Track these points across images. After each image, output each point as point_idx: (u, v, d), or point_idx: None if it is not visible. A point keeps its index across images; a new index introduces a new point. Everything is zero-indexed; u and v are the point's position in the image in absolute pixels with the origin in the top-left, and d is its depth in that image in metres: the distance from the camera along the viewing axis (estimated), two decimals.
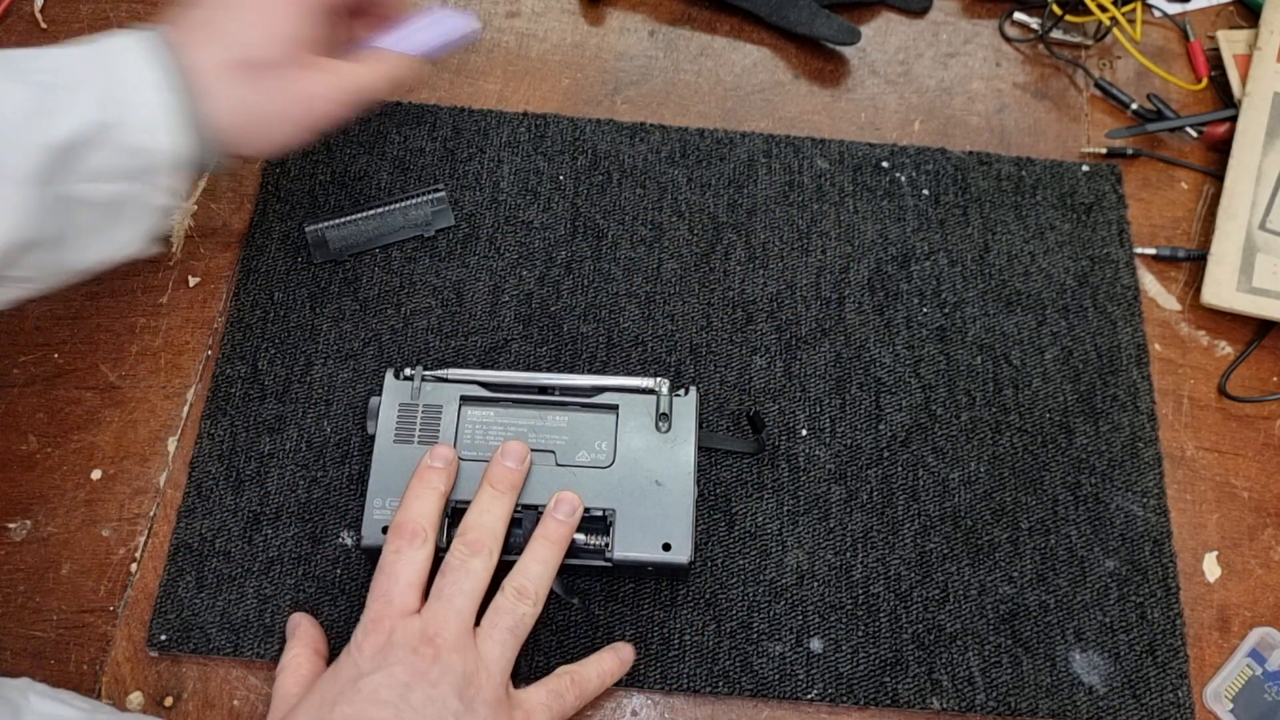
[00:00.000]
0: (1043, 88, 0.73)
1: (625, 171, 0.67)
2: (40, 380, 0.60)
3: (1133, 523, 0.58)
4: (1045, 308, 0.64)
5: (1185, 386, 0.63)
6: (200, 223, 0.65)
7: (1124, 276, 0.65)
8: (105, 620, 0.54)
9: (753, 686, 0.54)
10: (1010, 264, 0.65)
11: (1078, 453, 0.60)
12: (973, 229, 0.66)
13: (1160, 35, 0.75)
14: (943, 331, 0.63)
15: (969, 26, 0.75)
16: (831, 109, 0.71)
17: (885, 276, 0.65)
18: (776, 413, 0.60)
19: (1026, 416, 0.61)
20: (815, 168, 0.68)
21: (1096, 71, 0.73)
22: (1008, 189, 0.68)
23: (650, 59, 0.73)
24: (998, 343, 0.63)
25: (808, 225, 0.66)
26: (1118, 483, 0.59)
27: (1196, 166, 0.70)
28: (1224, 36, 0.73)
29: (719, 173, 0.67)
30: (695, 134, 0.69)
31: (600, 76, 0.72)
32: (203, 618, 0.54)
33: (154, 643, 0.53)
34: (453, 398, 0.55)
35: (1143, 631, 0.56)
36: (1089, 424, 0.61)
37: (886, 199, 0.67)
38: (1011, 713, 0.54)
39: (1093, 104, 0.72)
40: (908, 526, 0.58)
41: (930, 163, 0.68)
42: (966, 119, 0.71)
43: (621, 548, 0.52)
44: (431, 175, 0.66)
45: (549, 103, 0.70)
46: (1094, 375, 0.62)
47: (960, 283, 0.65)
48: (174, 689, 0.53)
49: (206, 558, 0.55)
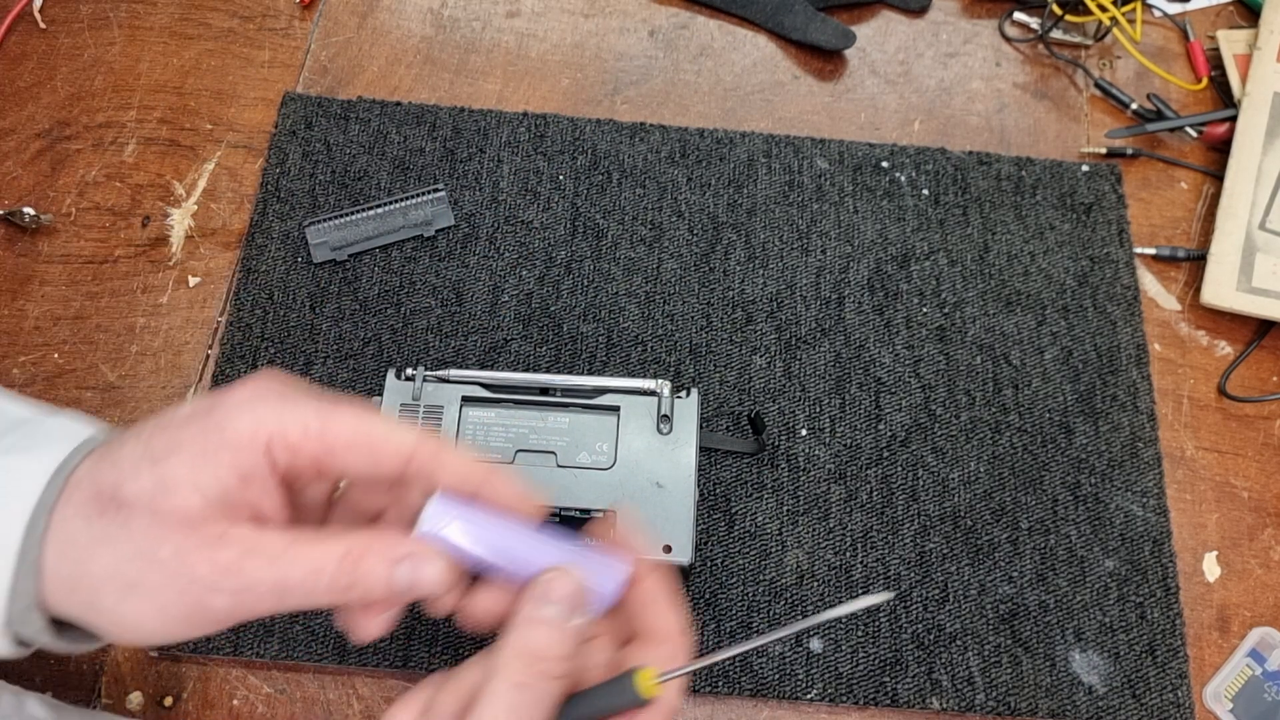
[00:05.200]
0: (1043, 88, 0.73)
1: (625, 171, 0.67)
2: (40, 380, 0.60)
3: (1132, 523, 0.58)
4: (1045, 308, 0.64)
5: (1185, 386, 0.63)
6: (200, 223, 0.65)
7: (1124, 276, 0.65)
8: None
9: (752, 686, 0.54)
10: (1010, 264, 0.65)
11: (1077, 452, 0.60)
12: (972, 229, 0.66)
13: (1160, 35, 0.75)
14: (942, 331, 0.63)
15: (969, 26, 0.75)
16: (831, 109, 0.71)
17: (885, 276, 0.65)
18: (776, 413, 0.60)
19: (1026, 416, 0.61)
20: (815, 168, 0.68)
21: (1096, 71, 0.73)
22: (1007, 189, 0.68)
23: (650, 59, 0.73)
24: (997, 343, 0.63)
25: (807, 225, 0.66)
26: (1117, 483, 0.59)
27: (1196, 166, 0.70)
28: (1224, 36, 0.73)
29: (719, 173, 0.67)
30: (695, 134, 0.69)
31: (600, 76, 0.72)
32: None
33: None
34: (454, 398, 0.55)
35: (1142, 631, 0.56)
36: (1089, 424, 0.61)
37: (886, 199, 0.67)
38: (1011, 712, 0.54)
39: (1093, 104, 0.72)
40: (907, 526, 0.58)
41: (930, 163, 0.68)
42: (966, 119, 0.71)
43: None
44: (431, 175, 0.66)
45: (549, 103, 0.70)
46: (1094, 375, 0.62)
47: (960, 283, 0.65)
48: (174, 689, 0.53)
49: None
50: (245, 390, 0.33)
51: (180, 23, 0.72)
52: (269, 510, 0.34)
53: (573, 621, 0.34)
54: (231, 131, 0.68)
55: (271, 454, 0.32)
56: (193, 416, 0.33)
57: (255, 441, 0.32)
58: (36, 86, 0.69)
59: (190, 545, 0.31)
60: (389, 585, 0.33)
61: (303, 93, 0.69)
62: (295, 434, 0.33)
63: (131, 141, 0.67)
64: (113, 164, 0.67)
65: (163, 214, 0.65)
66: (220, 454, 0.32)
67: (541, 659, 0.33)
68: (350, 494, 0.38)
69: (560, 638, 0.34)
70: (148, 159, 0.67)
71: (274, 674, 0.54)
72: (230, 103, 0.69)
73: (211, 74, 0.70)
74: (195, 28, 0.72)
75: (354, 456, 0.34)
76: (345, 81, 0.70)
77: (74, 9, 0.72)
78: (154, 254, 0.64)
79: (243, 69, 0.70)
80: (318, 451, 0.33)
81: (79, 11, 0.72)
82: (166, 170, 0.67)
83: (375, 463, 0.34)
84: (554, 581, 0.35)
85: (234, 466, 0.32)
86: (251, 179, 0.66)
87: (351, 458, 0.34)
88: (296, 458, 0.33)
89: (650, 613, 0.37)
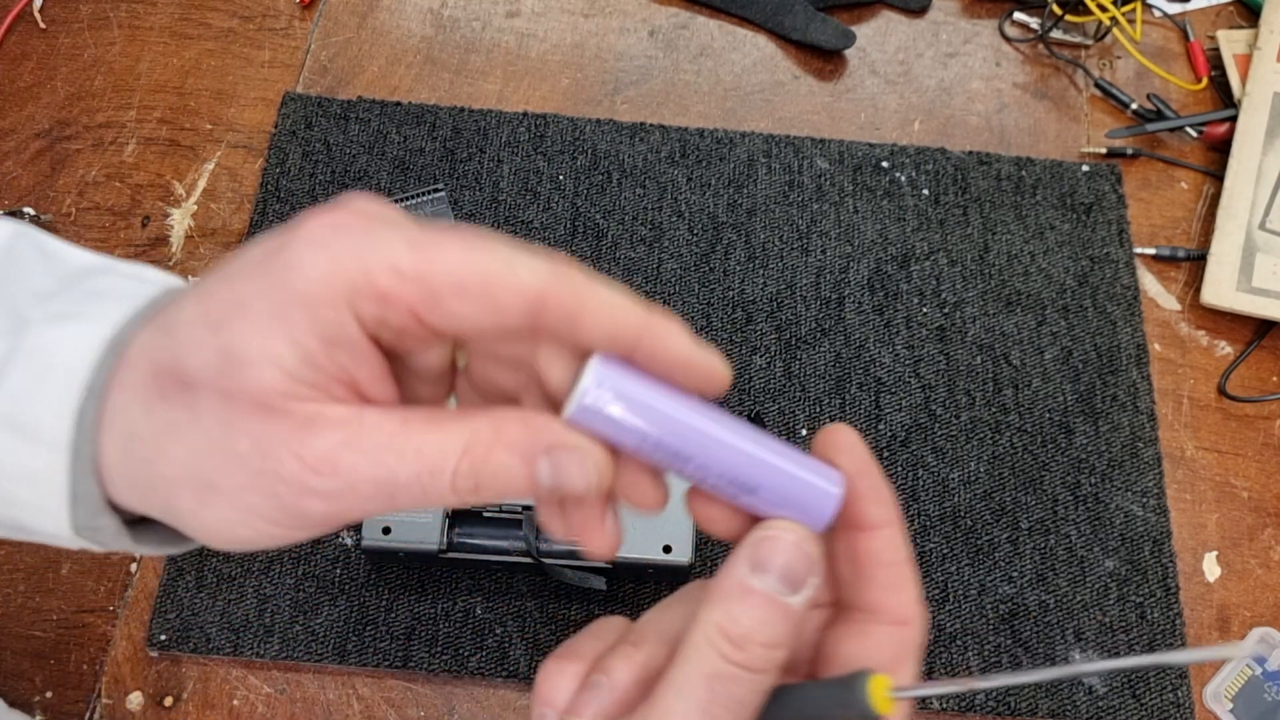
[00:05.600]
0: (1043, 88, 0.73)
1: (625, 171, 0.67)
2: None
3: (1132, 523, 0.58)
4: (1045, 308, 0.64)
5: (1185, 386, 0.63)
6: (200, 223, 0.65)
7: (1124, 276, 0.65)
8: (105, 620, 0.54)
9: None
10: (1010, 264, 0.65)
11: (1077, 453, 0.60)
12: (972, 229, 0.66)
13: (1160, 35, 0.75)
14: (942, 331, 0.63)
15: (969, 26, 0.75)
16: (831, 109, 0.71)
17: (885, 276, 0.65)
18: (776, 413, 0.60)
19: (1026, 416, 0.61)
20: (815, 168, 0.68)
21: (1096, 71, 0.73)
22: (1008, 189, 0.68)
23: (650, 59, 0.73)
24: (997, 343, 0.63)
25: (807, 225, 0.66)
26: (1117, 483, 0.59)
27: (1196, 166, 0.70)
28: (1224, 36, 0.72)
29: (719, 173, 0.67)
30: (695, 134, 0.69)
31: (600, 76, 0.72)
32: (202, 617, 0.54)
33: (154, 642, 0.53)
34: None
35: (1142, 631, 0.56)
36: (1089, 424, 0.61)
37: (886, 199, 0.67)
38: (1011, 712, 0.54)
39: (1093, 104, 0.72)
40: (907, 526, 0.58)
41: (930, 163, 0.68)
42: (966, 119, 0.71)
43: (622, 549, 0.51)
44: (431, 175, 0.66)
45: (549, 103, 0.70)
46: (1094, 375, 0.62)
47: (960, 283, 0.65)
48: (174, 689, 0.53)
49: (206, 557, 0.55)
50: (320, 222, 0.25)
51: (180, 23, 0.72)
52: (368, 383, 0.25)
53: (796, 598, 0.25)
54: (231, 131, 0.68)
55: (356, 306, 0.24)
56: (257, 262, 0.25)
57: (333, 291, 0.24)
58: (36, 86, 0.69)
59: (272, 435, 0.24)
60: (527, 486, 0.25)
61: (303, 93, 0.69)
62: (384, 277, 0.24)
63: (131, 141, 0.67)
64: (113, 164, 0.67)
65: (163, 214, 0.65)
66: (292, 312, 0.24)
67: (748, 644, 0.25)
68: (474, 367, 0.29)
69: (777, 618, 0.25)
70: (148, 159, 0.67)
71: (274, 674, 0.54)
72: (230, 103, 0.69)
73: (211, 74, 0.70)
74: (195, 28, 0.72)
75: (465, 304, 0.24)
76: (345, 81, 0.70)
77: (74, 9, 0.72)
78: (154, 254, 0.64)
79: (243, 69, 0.70)
80: (416, 299, 0.24)
81: (79, 11, 0.72)
82: (166, 170, 0.67)
83: (495, 310, 0.24)
84: (775, 540, 0.26)
85: (313, 326, 0.24)
86: (251, 179, 0.66)
87: (462, 306, 0.24)
88: (389, 310, 0.24)
89: (879, 579, 0.28)
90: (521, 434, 0.25)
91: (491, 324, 0.25)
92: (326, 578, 0.55)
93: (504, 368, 0.28)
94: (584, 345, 0.26)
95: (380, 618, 0.54)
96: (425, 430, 0.25)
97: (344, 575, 0.55)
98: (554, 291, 0.24)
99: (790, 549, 0.26)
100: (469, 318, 0.24)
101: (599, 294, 0.25)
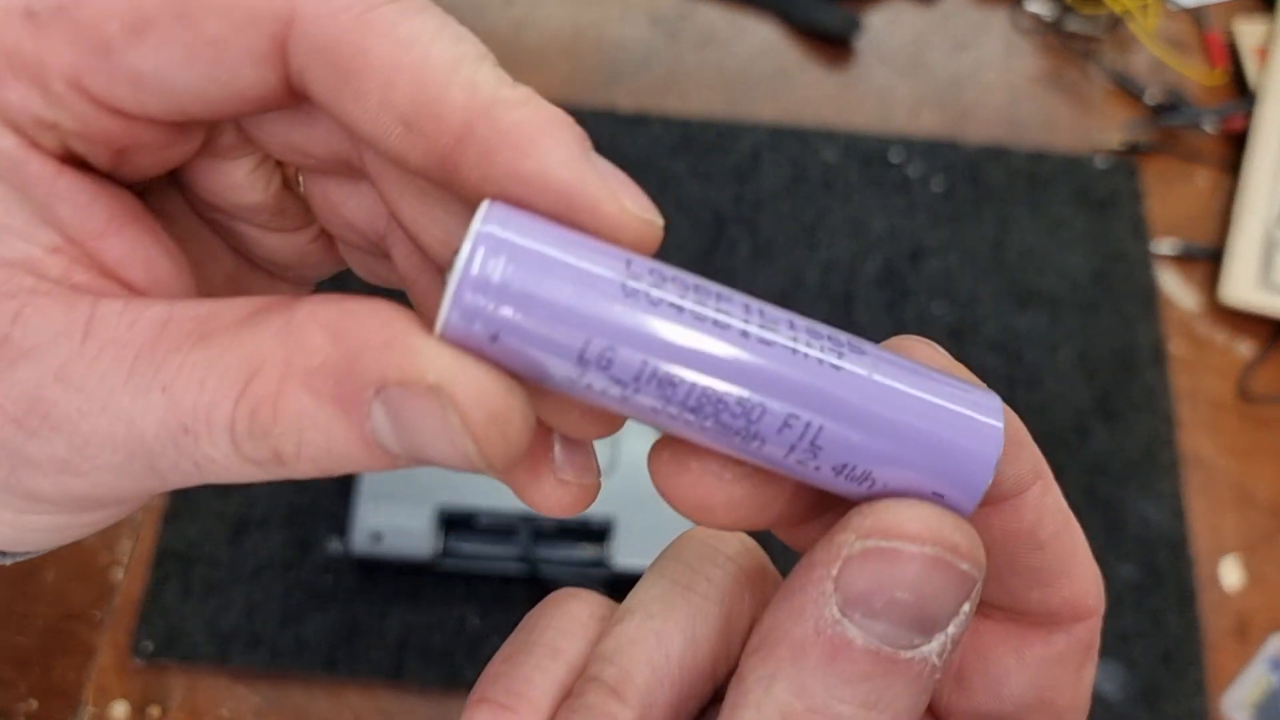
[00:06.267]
0: (1056, 79, 0.71)
1: (625, 163, 0.65)
2: None
3: (1149, 527, 0.57)
4: (1060, 305, 0.63)
5: (1203, 387, 0.62)
6: None
7: (1140, 274, 0.64)
8: (89, 627, 0.53)
9: None
10: (1024, 260, 0.64)
11: (1093, 455, 0.59)
12: (985, 224, 0.65)
13: (1176, 27, 0.73)
14: (955, 330, 0.62)
15: (980, 16, 0.74)
16: (839, 99, 0.70)
17: (895, 272, 0.63)
18: None
19: (1040, 417, 0.59)
20: (822, 160, 0.66)
21: (1111, 63, 0.72)
22: (1021, 183, 0.66)
23: (651, 46, 0.71)
24: (1011, 341, 0.61)
25: (815, 219, 0.64)
26: (1134, 486, 0.58)
27: (1214, 160, 0.68)
28: (1241, 28, 0.71)
29: (723, 164, 0.66)
30: (698, 124, 0.67)
31: (599, 65, 0.70)
32: (189, 625, 0.52)
33: (139, 651, 0.52)
34: None
35: (1159, 639, 0.54)
36: (1104, 425, 0.59)
37: (896, 193, 0.65)
38: None
39: (1107, 96, 0.71)
40: None
41: (942, 156, 0.67)
42: (978, 110, 0.70)
43: (622, 556, 0.51)
44: None
45: (546, 92, 0.67)
46: (1110, 375, 0.61)
47: (973, 279, 0.63)
48: (160, 698, 0.52)
49: (192, 564, 0.54)
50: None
51: None
52: (119, 250, 0.15)
53: (931, 645, 0.15)
54: None
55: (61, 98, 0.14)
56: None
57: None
58: None
59: None
60: (363, 452, 0.14)
61: None
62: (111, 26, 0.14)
63: None
64: None
65: None
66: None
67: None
68: (313, 192, 0.18)
69: (898, 690, 0.14)
70: None
71: (262, 684, 0.52)
72: None
73: None
74: None
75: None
76: None
77: None
78: None
79: None
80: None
81: None
82: None
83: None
84: (896, 556, 0.14)
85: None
86: None
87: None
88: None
89: (1041, 566, 0.18)
90: (330, 354, 0.14)
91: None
92: (315, 585, 0.53)
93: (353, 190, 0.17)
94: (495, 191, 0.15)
95: (372, 627, 0.53)
96: (190, 345, 0.14)
97: (333, 582, 0.54)
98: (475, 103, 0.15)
99: (922, 569, 0.14)
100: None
101: (537, 112, 0.16)
